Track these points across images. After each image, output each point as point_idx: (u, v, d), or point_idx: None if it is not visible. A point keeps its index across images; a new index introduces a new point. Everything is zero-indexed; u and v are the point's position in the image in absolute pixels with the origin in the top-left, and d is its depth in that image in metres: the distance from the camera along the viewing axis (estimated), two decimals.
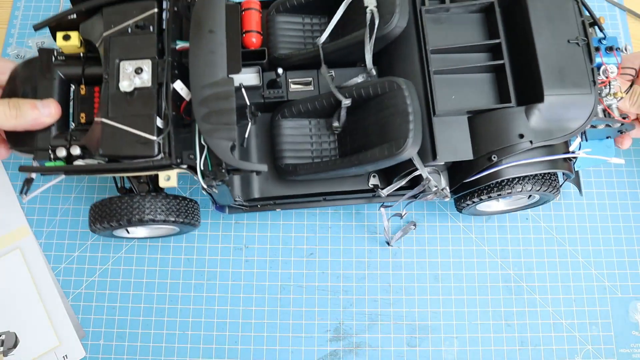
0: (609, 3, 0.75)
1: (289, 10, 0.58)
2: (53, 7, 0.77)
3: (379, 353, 0.62)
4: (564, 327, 0.63)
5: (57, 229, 0.66)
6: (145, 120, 0.50)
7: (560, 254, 0.65)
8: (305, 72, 0.56)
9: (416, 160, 0.51)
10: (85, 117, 0.55)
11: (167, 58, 0.51)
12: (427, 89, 0.51)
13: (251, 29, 0.56)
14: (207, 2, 0.52)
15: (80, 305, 0.63)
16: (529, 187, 0.53)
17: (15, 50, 0.73)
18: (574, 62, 0.51)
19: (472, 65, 0.52)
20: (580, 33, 0.51)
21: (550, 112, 0.50)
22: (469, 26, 0.54)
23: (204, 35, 0.51)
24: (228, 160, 0.47)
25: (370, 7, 0.52)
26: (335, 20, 0.55)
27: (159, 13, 0.54)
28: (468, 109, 0.51)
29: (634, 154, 0.69)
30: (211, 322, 0.63)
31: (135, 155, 0.49)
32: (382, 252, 0.65)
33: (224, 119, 0.48)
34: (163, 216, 0.52)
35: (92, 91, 0.56)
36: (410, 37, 0.53)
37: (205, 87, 0.49)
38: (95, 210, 0.54)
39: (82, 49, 0.56)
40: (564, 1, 0.52)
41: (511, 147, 0.50)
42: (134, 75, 0.51)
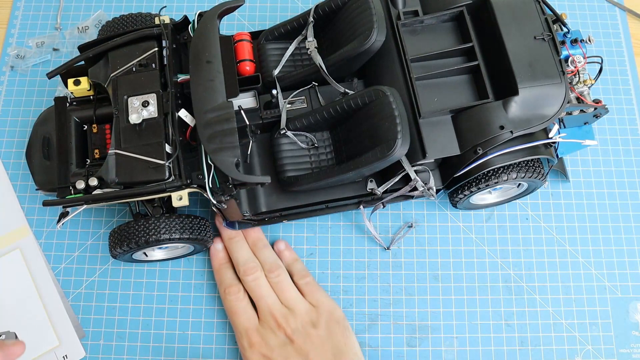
0: (609, 3, 0.77)
1: (277, 38, 0.63)
2: (53, 7, 0.78)
3: (379, 353, 0.62)
4: (564, 327, 0.63)
5: (57, 229, 0.66)
6: (155, 148, 0.54)
7: (560, 254, 0.66)
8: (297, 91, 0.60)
9: (404, 162, 0.55)
10: (99, 153, 0.59)
11: (170, 90, 0.56)
12: (411, 94, 0.55)
13: (244, 57, 0.60)
14: (202, 36, 0.57)
15: (80, 305, 0.64)
16: (514, 175, 0.56)
17: (15, 50, 0.74)
18: (542, 56, 0.55)
19: (450, 68, 0.56)
20: (545, 29, 0.56)
21: (526, 103, 0.54)
22: (443, 34, 0.59)
23: (202, 66, 0.55)
24: (234, 175, 0.51)
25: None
26: (292, 49, 0.62)
27: (159, 51, 0.59)
28: (450, 109, 0.55)
29: (634, 154, 0.70)
30: (211, 322, 0.63)
31: (148, 180, 0.54)
32: (382, 252, 0.66)
33: (227, 139, 0.52)
34: (178, 234, 0.56)
35: (103, 129, 0.60)
36: (390, 49, 0.58)
37: (208, 111, 0.53)
38: (115, 235, 0.57)
39: (92, 92, 0.61)
40: (527, 2, 0.57)
41: (494, 139, 0.54)
42: (142, 108, 0.56)
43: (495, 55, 0.56)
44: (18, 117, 0.72)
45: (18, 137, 0.71)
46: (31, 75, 0.74)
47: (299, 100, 0.60)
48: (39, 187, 0.59)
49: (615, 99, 0.73)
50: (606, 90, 0.73)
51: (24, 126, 0.72)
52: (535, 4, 0.57)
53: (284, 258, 0.63)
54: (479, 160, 0.55)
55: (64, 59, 0.74)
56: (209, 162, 0.53)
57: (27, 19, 0.77)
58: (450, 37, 0.58)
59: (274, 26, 0.63)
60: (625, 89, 0.73)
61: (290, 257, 0.63)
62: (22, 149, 0.66)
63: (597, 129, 0.69)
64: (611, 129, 0.71)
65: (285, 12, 0.78)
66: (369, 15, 0.56)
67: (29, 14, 0.78)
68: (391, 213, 0.67)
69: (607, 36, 0.76)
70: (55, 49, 0.75)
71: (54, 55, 0.75)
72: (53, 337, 0.62)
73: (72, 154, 0.59)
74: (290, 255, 0.63)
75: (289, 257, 0.63)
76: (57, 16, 0.77)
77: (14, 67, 0.74)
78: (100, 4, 0.78)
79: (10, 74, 0.74)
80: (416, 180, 0.55)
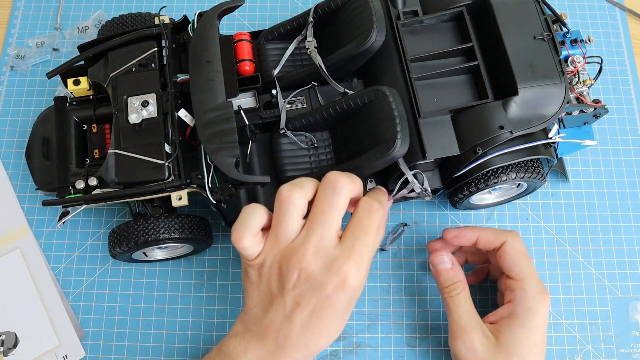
0: (609, 3, 0.77)
1: (276, 38, 0.63)
2: (53, 7, 0.78)
3: (379, 353, 0.62)
4: (564, 327, 0.63)
5: (57, 229, 0.66)
6: (155, 147, 0.54)
7: (560, 254, 0.66)
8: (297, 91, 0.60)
9: (401, 163, 0.55)
10: (98, 153, 0.59)
11: (169, 90, 0.56)
12: (411, 94, 0.55)
13: (244, 57, 0.60)
14: (202, 36, 0.57)
15: (80, 305, 0.64)
16: (513, 176, 0.56)
17: (15, 50, 0.74)
18: (542, 56, 0.55)
19: (449, 68, 0.56)
20: (545, 29, 0.56)
21: (526, 103, 0.54)
22: (443, 34, 0.59)
23: (202, 66, 0.55)
24: (233, 175, 0.51)
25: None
26: (291, 49, 0.62)
27: (159, 51, 0.59)
28: (450, 109, 0.55)
29: (634, 154, 0.70)
30: (211, 322, 0.63)
31: (148, 179, 0.54)
32: (381, 252, 0.66)
33: (226, 139, 0.52)
34: (177, 234, 0.56)
35: (103, 129, 0.60)
36: (390, 49, 0.58)
37: (207, 111, 0.53)
38: (114, 235, 0.57)
39: (92, 92, 0.61)
40: (527, 2, 0.57)
41: (493, 139, 0.53)
42: (141, 108, 0.56)
43: (495, 55, 0.56)
44: (18, 117, 0.72)
45: (18, 137, 0.71)
46: (31, 75, 0.74)
47: (299, 100, 0.60)
48: (38, 187, 0.59)
49: (615, 99, 0.73)
50: (606, 90, 0.73)
51: (24, 126, 0.72)
52: (535, 4, 0.57)
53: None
54: (478, 160, 0.54)
55: (64, 59, 0.74)
56: (208, 162, 0.53)
57: (27, 19, 0.78)
58: (450, 37, 0.58)
59: (274, 26, 0.63)
60: (625, 89, 0.73)
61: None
62: (22, 149, 0.66)
63: (597, 129, 0.69)
64: (611, 129, 0.71)
65: (285, 12, 0.78)
66: (368, 15, 0.56)
67: (29, 14, 0.78)
68: (391, 213, 0.67)
69: (607, 36, 0.76)
70: (55, 49, 0.75)
71: (54, 55, 0.75)
72: (53, 337, 0.62)
73: (71, 153, 0.59)
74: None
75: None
76: (57, 16, 0.77)
77: (14, 67, 0.74)
78: (100, 4, 0.78)
79: (10, 74, 0.74)
80: (413, 182, 0.55)
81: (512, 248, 0.56)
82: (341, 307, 0.48)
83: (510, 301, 0.55)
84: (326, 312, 0.47)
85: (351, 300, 0.49)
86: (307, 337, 0.47)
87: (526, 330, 0.53)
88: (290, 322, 0.47)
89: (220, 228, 0.66)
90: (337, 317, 0.48)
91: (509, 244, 0.56)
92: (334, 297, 0.47)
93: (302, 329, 0.47)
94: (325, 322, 0.48)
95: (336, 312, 0.48)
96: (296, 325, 0.47)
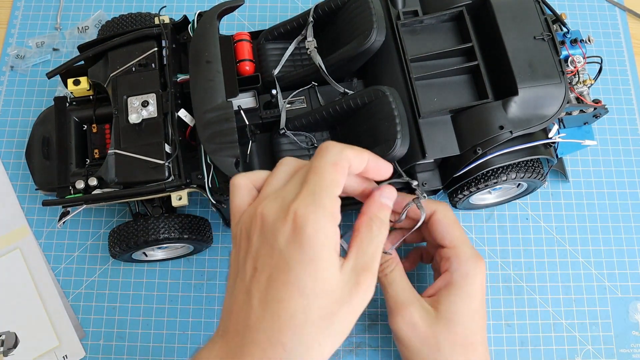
0: (609, 3, 0.77)
1: (276, 38, 0.63)
2: (53, 7, 0.78)
3: (379, 353, 0.62)
4: (564, 327, 0.63)
5: (57, 229, 0.66)
6: (155, 148, 0.54)
7: (560, 254, 0.66)
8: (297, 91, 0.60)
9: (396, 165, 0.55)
10: (98, 153, 0.59)
11: (169, 90, 0.56)
12: (411, 94, 0.55)
13: (244, 57, 0.60)
14: (202, 36, 0.57)
15: (80, 305, 0.64)
16: (513, 176, 0.56)
17: (15, 50, 0.74)
18: (542, 56, 0.55)
19: (449, 68, 0.56)
20: (545, 29, 0.56)
21: (526, 103, 0.54)
22: (443, 34, 0.59)
23: (202, 66, 0.55)
24: (233, 174, 0.51)
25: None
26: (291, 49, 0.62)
27: (159, 51, 0.59)
28: (450, 109, 0.55)
29: (634, 154, 0.70)
30: (211, 322, 0.63)
31: (148, 179, 0.54)
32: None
33: (226, 138, 0.52)
34: (177, 234, 0.56)
35: (103, 129, 0.61)
36: (390, 49, 0.58)
37: (207, 111, 0.53)
38: (114, 235, 0.57)
39: (92, 92, 0.61)
40: (527, 2, 0.57)
41: (493, 139, 0.53)
42: (141, 108, 0.56)
43: (495, 55, 0.56)
44: (18, 117, 0.72)
45: (18, 137, 0.71)
46: (31, 75, 0.74)
47: (299, 100, 0.60)
48: (38, 187, 0.59)
49: (615, 99, 0.73)
50: (606, 90, 0.73)
51: (24, 126, 0.72)
52: (535, 4, 0.57)
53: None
54: (478, 160, 0.54)
55: (64, 59, 0.74)
56: (208, 161, 0.53)
57: (27, 19, 0.78)
58: (450, 37, 0.58)
59: (274, 26, 0.63)
60: (625, 89, 0.73)
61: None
62: (22, 149, 0.66)
63: (597, 129, 0.69)
64: (611, 129, 0.71)
65: (285, 12, 0.78)
66: (368, 15, 0.56)
67: (29, 14, 0.78)
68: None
69: (607, 36, 0.76)
70: (55, 49, 0.75)
71: (54, 55, 0.75)
72: (53, 337, 0.62)
73: (71, 153, 0.59)
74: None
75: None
76: (57, 16, 0.77)
77: (14, 67, 0.74)
78: (100, 4, 0.78)
79: (10, 74, 0.74)
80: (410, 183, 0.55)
81: (444, 216, 0.54)
82: (299, 271, 0.37)
83: (446, 270, 0.54)
84: (282, 277, 0.38)
85: (311, 263, 0.37)
86: (266, 321, 0.37)
87: (465, 297, 0.52)
88: (250, 298, 0.38)
89: (220, 228, 0.66)
90: (297, 290, 0.37)
91: (439, 212, 0.55)
92: (287, 253, 0.37)
93: (261, 307, 0.38)
94: (283, 294, 0.37)
95: (294, 277, 0.37)
96: (254, 302, 0.38)
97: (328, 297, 0.38)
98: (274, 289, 0.38)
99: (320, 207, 0.38)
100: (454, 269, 0.53)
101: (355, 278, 0.39)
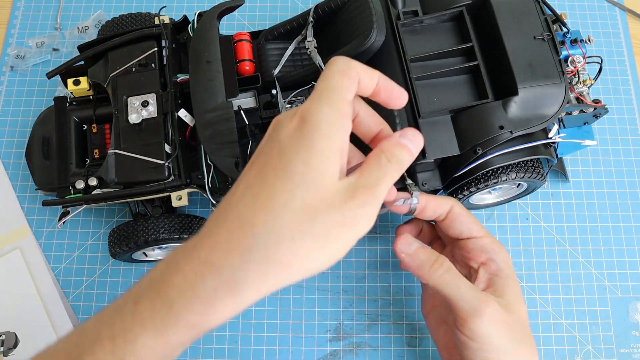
0: (609, 3, 0.77)
1: (276, 38, 0.63)
2: (53, 7, 0.78)
3: (379, 353, 0.62)
4: (564, 327, 0.63)
5: (57, 229, 0.66)
6: (155, 148, 0.54)
7: (560, 254, 0.66)
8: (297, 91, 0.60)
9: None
10: (98, 153, 0.59)
11: (169, 90, 0.56)
12: (411, 94, 0.55)
13: (244, 57, 0.60)
14: (202, 36, 0.57)
15: (80, 305, 0.64)
16: (513, 176, 0.56)
17: (15, 50, 0.74)
18: (542, 56, 0.55)
19: (449, 68, 0.56)
20: (545, 29, 0.56)
21: (526, 103, 0.54)
22: (443, 34, 0.58)
23: (202, 66, 0.55)
24: (233, 175, 0.51)
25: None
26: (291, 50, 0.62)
27: (159, 51, 0.59)
28: (450, 109, 0.55)
29: (634, 154, 0.70)
30: None
31: (148, 179, 0.54)
32: (382, 252, 0.66)
33: (226, 139, 0.52)
34: (177, 234, 0.56)
35: (103, 129, 0.61)
36: (390, 49, 0.58)
37: (207, 111, 0.53)
38: (114, 235, 0.57)
39: (92, 92, 0.61)
40: (527, 2, 0.57)
41: (493, 139, 0.53)
42: (141, 108, 0.56)
43: (495, 55, 0.56)
44: (18, 117, 0.72)
45: (18, 137, 0.71)
46: (31, 75, 0.74)
47: (299, 100, 0.60)
48: (38, 187, 0.59)
49: (615, 99, 0.73)
50: (606, 90, 0.73)
51: (24, 126, 0.72)
52: (535, 4, 0.57)
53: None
54: (478, 160, 0.54)
55: (64, 59, 0.74)
56: (208, 162, 0.53)
57: (27, 19, 0.77)
58: (450, 37, 0.58)
59: (274, 26, 0.63)
60: (625, 89, 0.73)
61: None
62: (22, 149, 0.66)
63: (597, 129, 0.69)
64: (611, 129, 0.71)
65: (285, 12, 0.78)
66: (368, 15, 0.56)
67: (29, 14, 0.78)
68: (391, 214, 0.67)
69: (607, 36, 0.76)
70: (55, 49, 0.75)
71: (54, 55, 0.75)
72: (53, 337, 0.62)
73: (71, 153, 0.59)
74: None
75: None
76: (57, 16, 0.77)
77: (14, 67, 0.74)
78: (100, 4, 0.78)
79: (10, 74, 0.74)
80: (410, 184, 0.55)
81: (462, 209, 0.54)
82: (292, 156, 0.35)
83: (488, 259, 0.52)
84: (273, 162, 0.36)
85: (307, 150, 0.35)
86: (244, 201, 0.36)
87: (515, 281, 0.51)
88: (238, 184, 0.37)
89: None
90: (286, 174, 0.35)
91: (457, 206, 0.54)
92: (286, 143, 0.36)
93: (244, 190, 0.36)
94: (270, 177, 0.35)
95: (285, 162, 0.35)
96: (240, 187, 0.37)
97: (317, 192, 0.35)
98: (262, 173, 0.36)
99: (327, 103, 0.36)
100: (496, 256, 0.52)
101: (351, 192, 0.36)
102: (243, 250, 0.34)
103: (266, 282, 0.35)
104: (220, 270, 0.34)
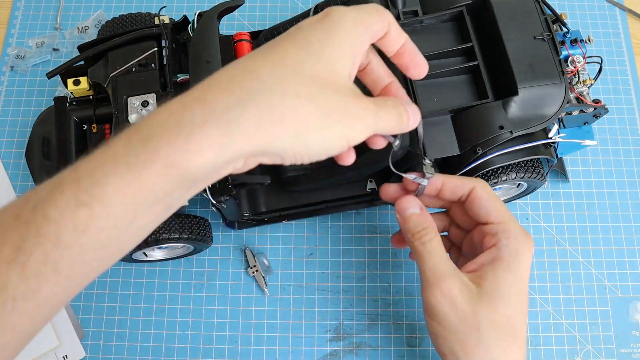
0: (609, 3, 0.77)
1: None
2: (53, 7, 0.78)
3: (379, 353, 0.62)
4: (564, 327, 0.63)
5: None
6: None
7: (560, 254, 0.66)
8: None
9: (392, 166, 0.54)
10: None
11: (169, 90, 0.56)
12: (411, 94, 0.55)
13: None
14: (202, 36, 0.57)
15: (80, 305, 0.64)
16: (513, 176, 0.56)
17: (15, 50, 0.74)
18: (542, 56, 0.55)
19: (449, 68, 0.56)
20: (545, 29, 0.56)
21: (526, 103, 0.54)
22: (443, 34, 0.58)
23: (202, 66, 0.55)
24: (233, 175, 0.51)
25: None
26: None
27: (159, 51, 0.59)
28: (450, 108, 0.55)
29: (634, 154, 0.70)
30: (211, 322, 0.63)
31: None
32: (382, 252, 0.66)
33: None
34: (177, 234, 0.56)
35: (103, 129, 0.61)
36: None
37: None
38: None
39: (92, 92, 0.61)
40: (527, 2, 0.57)
41: (493, 139, 0.53)
42: (141, 108, 0.56)
43: (495, 55, 0.56)
44: (18, 117, 0.72)
45: (18, 137, 0.71)
46: (31, 75, 0.74)
47: None
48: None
49: (615, 99, 0.73)
50: (606, 90, 0.73)
51: (24, 126, 0.72)
52: (535, 4, 0.57)
53: None
54: (478, 160, 0.54)
55: (64, 59, 0.74)
56: None
57: (27, 19, 0.78)
58: (450, 37, 0.58)
59: (274, 26, 0.63)
60: (625, 89, 0.73)
61: None
62: (22, 149, 0.66)
63: (597, 129, 0.69)
64: (611, 129, 0.71)
65: (285, 12, 0.78)
66: None
67: (29, 14, 0.78)
68: (391, 213, 0.67)
69: (607, 36, 0.76)
70: (55, 49, 0.75)
71: (54, 55, 0.75)
72: (53, 337, 0.62)
73: (71, 153, 0.59)
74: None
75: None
76: (57, 16, 0.77)
77: (14, 67, 0.74)
78: (100, 4, 0.78)
79: (10, 74, 0.74)
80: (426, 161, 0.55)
81: (484, 191, 0.50)
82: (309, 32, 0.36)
83: (493, 245, 0.49)
84: (291, 36, 0.36)
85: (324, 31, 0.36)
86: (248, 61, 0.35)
87: (512, 274, 0.48)
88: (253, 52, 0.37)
89: (220, 228, 0.66)
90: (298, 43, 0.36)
91: (479, 188, 0.50)
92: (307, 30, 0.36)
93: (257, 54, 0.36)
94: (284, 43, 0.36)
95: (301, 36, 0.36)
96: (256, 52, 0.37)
97: (328, 72, 0.35)
98: (276, 41, 0.36)
99: (355, 11, 0.37)
100: (502, 244, 0.48)
101: (359, 95, 0.37)
102: (243, 91, 0.33)
103: (257, 131, 0.32)
104: (212, 105, 0.32)
